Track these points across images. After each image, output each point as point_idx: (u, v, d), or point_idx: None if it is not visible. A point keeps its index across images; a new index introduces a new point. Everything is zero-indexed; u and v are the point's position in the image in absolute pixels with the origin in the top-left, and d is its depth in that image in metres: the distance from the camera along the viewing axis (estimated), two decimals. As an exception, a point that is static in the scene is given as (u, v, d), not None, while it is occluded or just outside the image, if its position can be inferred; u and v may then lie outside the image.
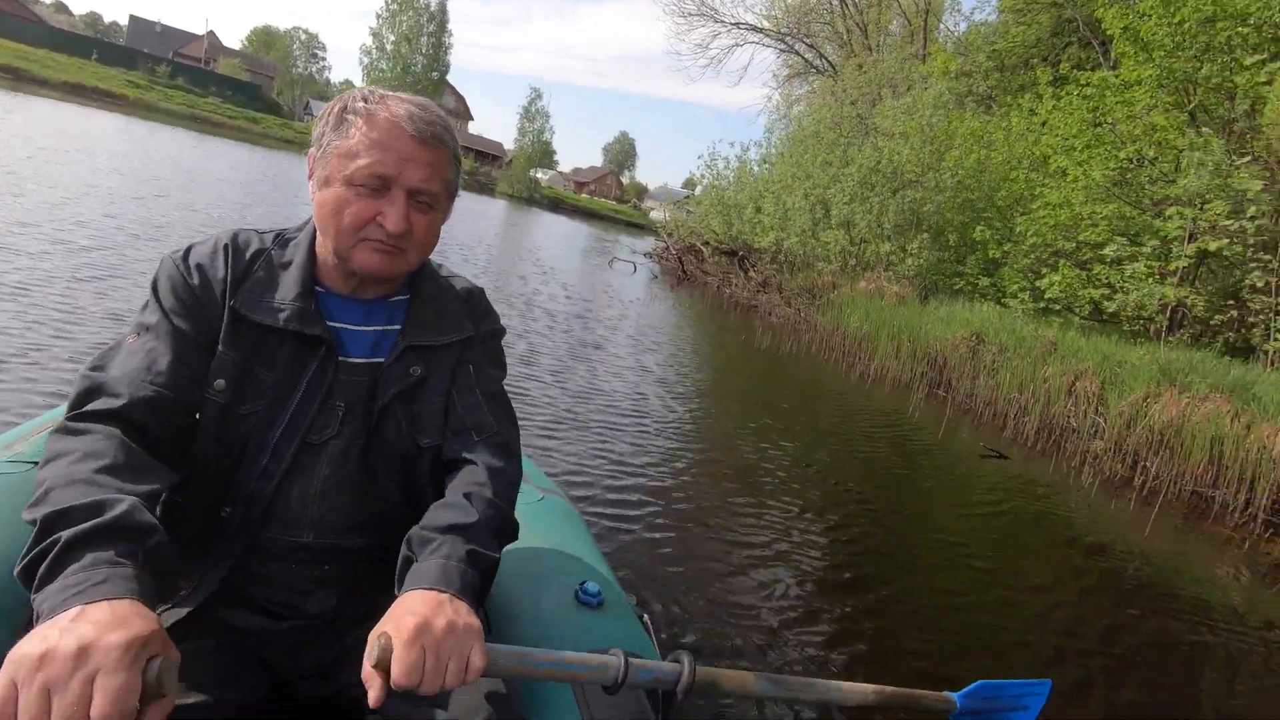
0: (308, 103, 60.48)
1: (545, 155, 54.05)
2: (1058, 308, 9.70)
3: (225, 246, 0.98)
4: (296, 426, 0.96)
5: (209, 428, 0.93)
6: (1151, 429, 5.69)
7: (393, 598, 0.82)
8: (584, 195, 64.20)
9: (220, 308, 0.95)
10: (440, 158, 0.98)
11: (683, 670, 0.94)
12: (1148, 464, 5.51)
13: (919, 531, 3.53)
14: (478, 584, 0.86)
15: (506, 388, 1.16)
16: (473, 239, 13.02)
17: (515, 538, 1.02)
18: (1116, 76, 10.07)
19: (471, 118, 65.05)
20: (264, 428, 0.95)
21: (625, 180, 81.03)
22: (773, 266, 13.16)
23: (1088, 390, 6.72)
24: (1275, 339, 7.66)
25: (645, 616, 1.26)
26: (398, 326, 1.04)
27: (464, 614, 0.79)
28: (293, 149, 33.31)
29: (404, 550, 0.89)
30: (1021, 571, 3.28)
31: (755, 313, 11.44)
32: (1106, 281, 8.61)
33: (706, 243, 16.65)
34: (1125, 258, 8.26)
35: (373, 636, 0.74)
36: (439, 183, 0.98)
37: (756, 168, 16.78)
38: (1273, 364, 7.45)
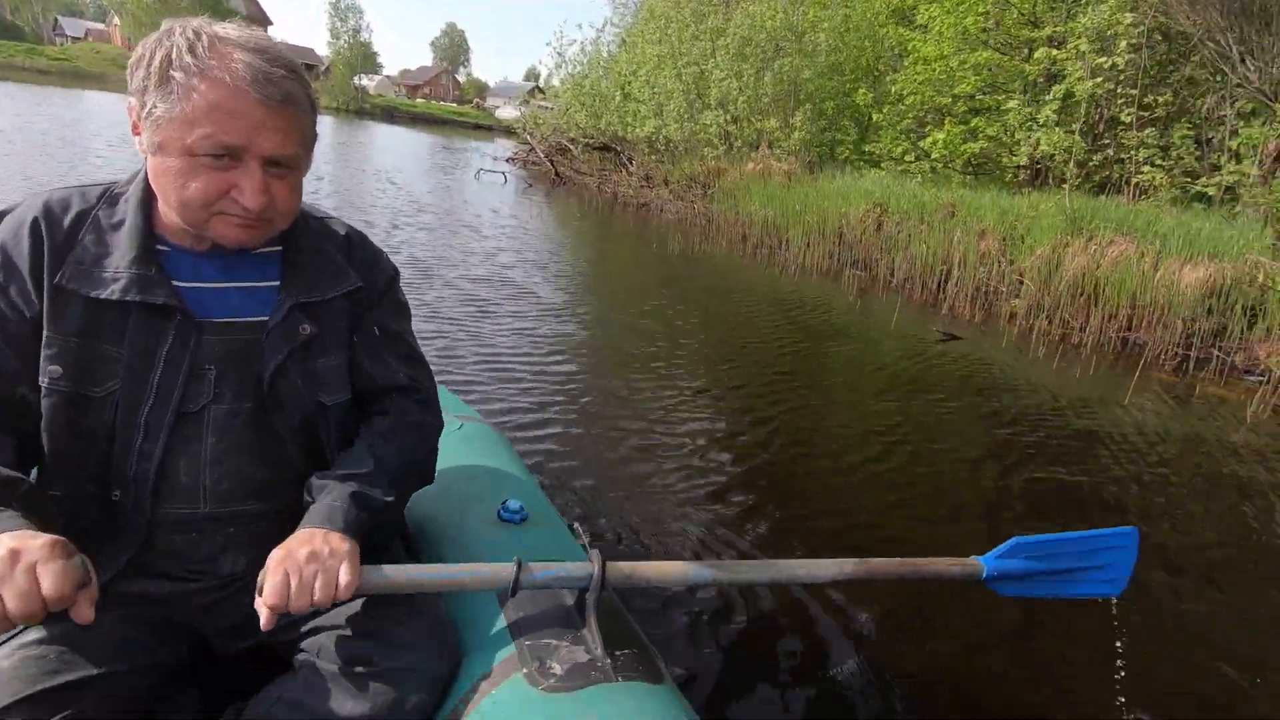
0: (55, 21, 50.25)
1: (367, 59, 48.27)
2: (940, 166, 9.75)
3: (34, 220, 0.87)
4: (165, 400, 0.89)
5: (58, 418, 0.87)
6: (1069, 280, 5.77)
7: None
8: (419, 100, 58.63)
9: (34, 289, 0.86)
10: (295, 117, 0.88)
11: (592, 568, 0.97)
12: (1068, 315, 5.61)
13: (897, 427, 3.25)
14: (364, 521, 0.91)
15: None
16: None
17: (428, 481, 1.09)
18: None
19: (270, 22, 56.46)
20: (131, 406, 0.88)
21: (461, 78, 74.55)
22: (653, 157, 12.39)
23: (993, 249, 6.76)
24: (1140, 172, 8.05)
25: (577, 525, 1.25)
26: (273, 282, 0.98)
27: (333, 541, 0.85)
28: (54, 80, 27.60)
29: (305, 497, 0.94)
30: (984, 445, 3.09)
31: (647, 211, 10.76)
32: (1001, 136, 8.61)
33: (574, 140, 15.47)
34: (1023, 109, 8.22)
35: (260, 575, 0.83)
36: (296, 143, 0.89)
37: (614, 48, 15.52)
38: (1134, 197, 7.84)
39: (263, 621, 0.80)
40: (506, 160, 17.66)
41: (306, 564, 0.82)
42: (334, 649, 0.90)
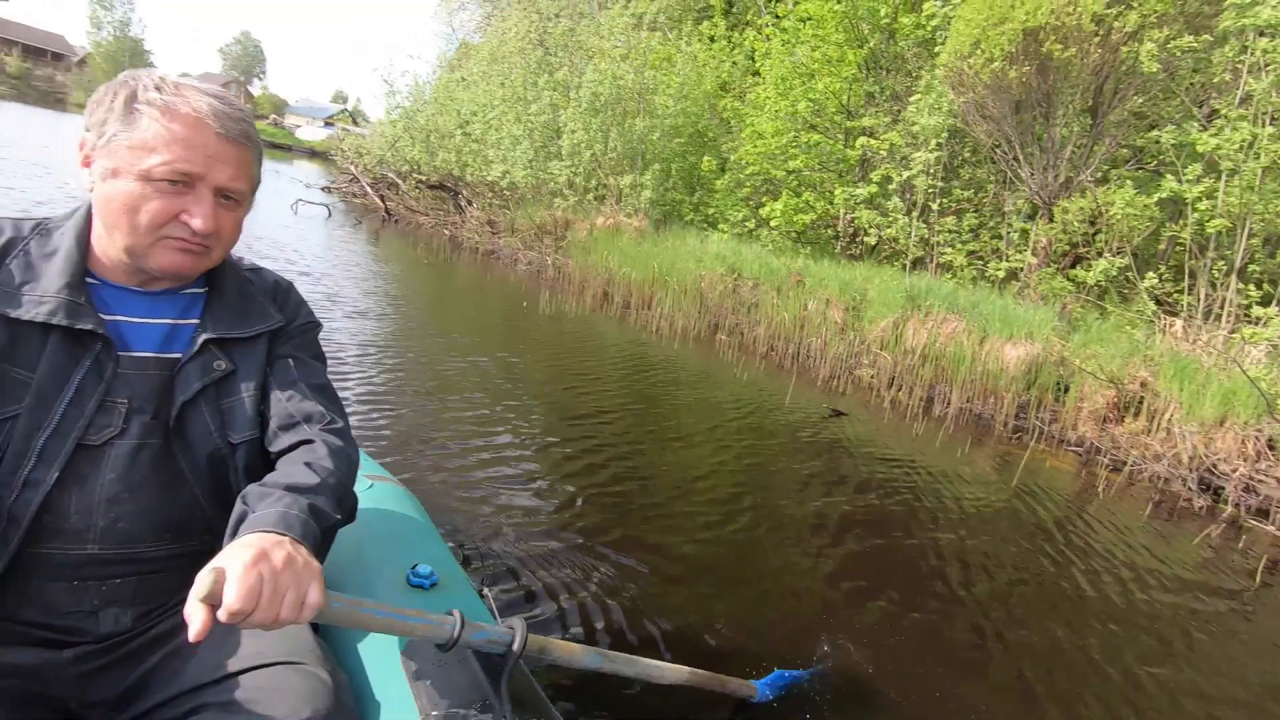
0: None
1: (137, 55, 42.13)
2: (777, 235, 10.45)
3: None
4: (68, 428, 0.86)
5: None
6: (917, 354, 6.33)
7: None
8: (202, 109, 52.00)
9: None
10: (247, 155, 0.95)
11: (515, 634, 1.01)
12: (917, 387, 6.12)
13: (809, 515, 3.21)
14: (318, 537, 0.85)
15: None
16: (49, 181, 9.17)
17: (354, 517, 1.02)
18: (804, 10, 10.80)
19: (3, -3, 47.17)
20: (26, 432, 0.84)
21: (256, 91, 67.78)
22: (496, 202, 11.94)
23: (841, 320, 7.27)
24: (941, 253, 9.24)
25: (485, 591, 1.25)
26: (194, 320, 0.98)
27: (304, 554, 0.78)
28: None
29: (238, 506, 0.86)
30: (873, 528, 3.18)
31: (496, 259, 10.25)
32: (824, 211, 9.36)
33: (402, 174, 14.52)
34: (851, 189, 9.02)
35: (203, 572, 0.69)
36: (246, 181, 0.96)
37: (436, 77, 14.90)
38: (937, 274, 8.98)
39: (198, 629, 0.67)
40: (322, 189, 16.10)
41: (283, 571, 0.73)
42: None
